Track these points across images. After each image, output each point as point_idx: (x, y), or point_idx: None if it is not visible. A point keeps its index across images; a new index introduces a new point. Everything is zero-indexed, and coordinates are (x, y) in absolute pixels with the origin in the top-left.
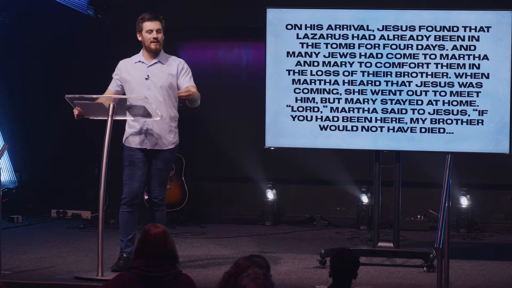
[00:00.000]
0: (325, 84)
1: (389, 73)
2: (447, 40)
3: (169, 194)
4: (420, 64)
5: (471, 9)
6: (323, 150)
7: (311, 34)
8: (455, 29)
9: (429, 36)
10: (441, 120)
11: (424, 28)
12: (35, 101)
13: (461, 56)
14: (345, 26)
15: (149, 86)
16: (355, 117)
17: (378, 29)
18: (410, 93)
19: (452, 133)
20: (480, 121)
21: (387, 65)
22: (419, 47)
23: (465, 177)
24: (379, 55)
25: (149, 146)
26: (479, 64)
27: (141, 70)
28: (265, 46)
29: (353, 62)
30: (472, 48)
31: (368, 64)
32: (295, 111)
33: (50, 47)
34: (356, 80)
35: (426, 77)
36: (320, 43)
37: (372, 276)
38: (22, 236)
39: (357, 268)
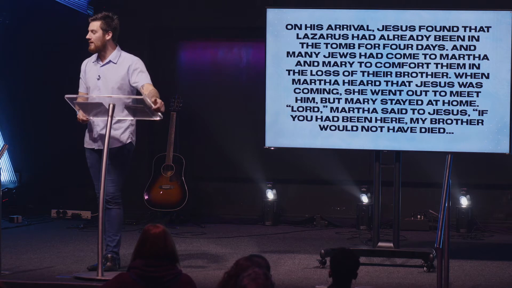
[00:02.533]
0: (325, 84)
1: (389, 73)
2: (447, 40)
3: (169, 194)
4: (420, 64)
5: (471, 9)
6: (323, 150)
7: (311, 34)
8: (455, 29)
9: (429, 36)
10: (441, 120)
11: (424, 28)
12: (35, 101)
13: (461, 56)
14: (345, 26)
15: (99, 86)
16: (355, 117)
17: (378, 29)
18: (410, 93)
19: (452, 133)
20: (480, 121)
21: (387, 65)
22: (419, 47)
23: (465, 177)
24: (379, 55)
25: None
26: (479, 64)
27: (94, 70)
28: (265, 46)
29: (353, 62)
30: (472, 48)
31: (368, 64)
32: (295, 111)
33: (50, 47)
34: (356, 80)
35: (426, 77)
36: (320, 43)
37: (372, 276)
38: (22, 236)
39: (357, 268)
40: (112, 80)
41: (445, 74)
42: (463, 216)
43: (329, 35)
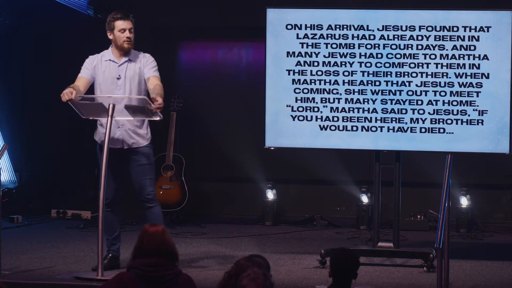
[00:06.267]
0: (325, 84)
1: (389, 73)
2: (447, 40)
3: (169, 194)
4: (420, 64)
5: (471, 9)
6: (323, 150)
7: (311, 34)
8: (455, 29)
9: (429, 36)
10: (441, 120)
11: (424, 28)
12: (35, 101)
13: (461, 56)
14: (345, 26)
15: (120, 85)
16: (355, 117)
17: (378, 29)
18: (410, 93)
19: (452, 133)
20: (480, 121)
21: (387, 65)
22: (419, 47)
23: (465, 177)
24: (379, 55)
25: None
26: (479, 64)
27: (112, 69)
28: (265, 46)
29: (353, 62)
30: (472, 48)
31: (368, 64)
32: (295, 111)
33: (50, 47)
34: (356, 80)
35: (426, 77)
36: (320, 43)
37: (372, 276)
38: (22, 236)
39: (357, 268)
40: (134, 79)
41: (445, 74)
42: (463, 216)
43: (329, 35)
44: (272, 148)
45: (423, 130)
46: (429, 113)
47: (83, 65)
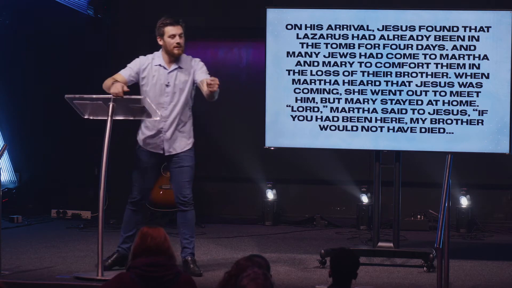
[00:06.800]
0: (325, 84)
1: (389, 73)
2: (447, 40)
3: (169, 194)
4: (420, 64)
5: (471, 9)
6: (323, 150)
7: (311, 34)
8: (455, 29)
9: (429, 36)
10: (441, 120)
11: (424, 28)
12: (35, 101)
13: (461, 56)
14: (345, 26)
15: (168, 93)
16: (355, 117)
17: (378, 29)
18: (410, 93)
19: (452, 133)
20: (480, 121)
21: (387, 65)
22: (419, 47)
23: (465, 177)
24: (379, 55)
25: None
26: (479, 64)
27: (161, 75)
28: (265, 46)
29: (353, 62)
30: (472, 48)
31: (368, 64)
32: (295, 111)
33: (50, 47)
34: (356, 80)
35: (426, 77)
36: (320, 43)
37: (372, 276)
38: (22, 236)
39: (357, 268)
40: (183, 88)
41: (445, 74)
42: (463, 216)
43: (329, 35)
44: (272, 148)
45: (423, 130)
46: (429, 113)
47: (130, 63)
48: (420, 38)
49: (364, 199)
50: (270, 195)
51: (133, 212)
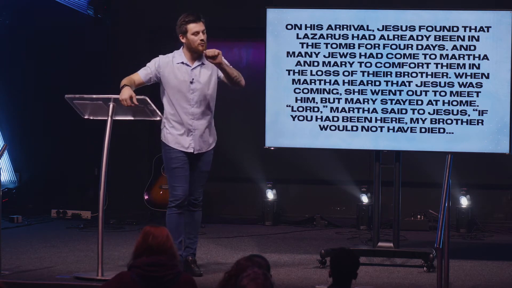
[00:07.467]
0: (325, 84)
1: (389, 73)
2: (447, 40)
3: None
4: (420, 64)
5: (471, 9)
6: (323, 150)
7: (311, 34)
8: (455, 29)
9: (429, 36)
10: (441, 120)
11: (424, 28)
12: (35, 101)
13: (461, 56)
14: (345, 26)
15: (194, 89)
16: (355, 117)
17: (378, 29)
18: (410, 93)
19: (452, 133)
20: (480, 121)
21: (387, 65)
22: (419, 47)
23: (465, 177)
24: (379, 55)
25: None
26: (479, 64)
27: (185, 72)
28: (265, 46)
29: (353, 62)
30: (472, 48)
31: (368, 64)
32: (295, 111)
33: (50, 47)
34: (356, 80)
35: (426, 77)
36: (320, 43)
37: (372, 276)
38: (22, 236)
39: (357, 268)
40: (206, 82)
41: (445, 74)
42: (463, 216)
43: (329, 35)
44: (272, 148)
45: (423, 130)
46: (429, 113)
47: (149, 62)
48: (420, 38)
49: (364, 199)
50: (270, 195)
51: (179, 215)
